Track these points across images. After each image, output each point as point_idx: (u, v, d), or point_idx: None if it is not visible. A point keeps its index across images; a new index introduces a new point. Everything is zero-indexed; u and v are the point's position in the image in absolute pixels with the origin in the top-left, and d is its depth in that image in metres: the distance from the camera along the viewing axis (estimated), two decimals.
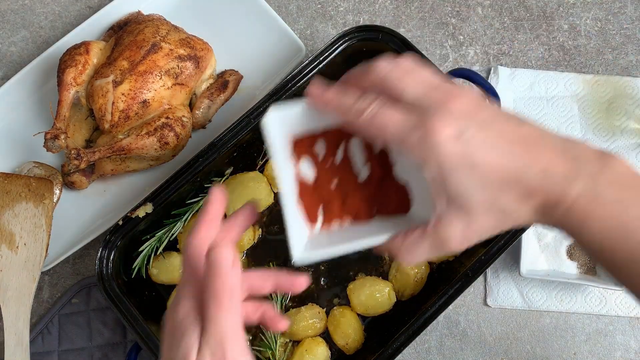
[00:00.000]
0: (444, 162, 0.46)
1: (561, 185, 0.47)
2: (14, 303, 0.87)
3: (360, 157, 0.56)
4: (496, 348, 0.92)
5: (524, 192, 0.48)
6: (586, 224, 0.48)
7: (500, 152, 0.47)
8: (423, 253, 0.51)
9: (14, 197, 0.90)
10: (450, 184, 0.47)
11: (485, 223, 0.49)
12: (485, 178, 0.47)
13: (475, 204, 0.48)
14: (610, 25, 1.03)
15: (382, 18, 1.05)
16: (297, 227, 0.56)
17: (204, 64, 0.94)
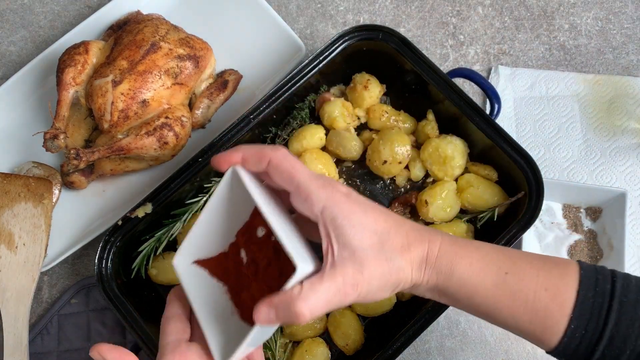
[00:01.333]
0: (340, 210, 0.53)
1: (426, 240, 0.57)
2: (13, 303, 0.87)
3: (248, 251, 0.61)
4: (497, 348, 0.91)
5: (403, 242, 0.55)
6: (455, 262, 0.57)
7: (379, 212, 0.56)
8: (321, 299, 0.52)
9: (13, 197, 0.90)
10: (345, 228, 0.53)
11: (375, 269, 0.53)
12: (373, 224, 0.54)
13: (366, 246, 0.53)
14: (611, 25, 1.03)
15: (382, 17, 1.05)
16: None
17: (203, 64, 0.94)
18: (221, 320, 0.58)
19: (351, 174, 0.95)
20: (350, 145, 0.92)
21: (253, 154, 0.57)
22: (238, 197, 0.58)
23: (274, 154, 0.56)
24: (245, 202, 0.57)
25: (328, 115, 0.93)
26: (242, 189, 0.56)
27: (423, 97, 0.92)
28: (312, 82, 0.91)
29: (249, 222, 0.60)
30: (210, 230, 0.61)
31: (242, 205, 0.59)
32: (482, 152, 0.89)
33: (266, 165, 0.56)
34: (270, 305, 0.52)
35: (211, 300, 0.60)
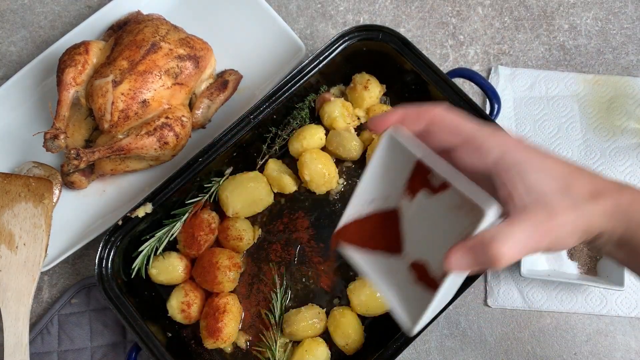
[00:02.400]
0: (519, 156, 0.51)
1: (616, 188, 0.53)
2: (13, 303, 0.87)
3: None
4: (496, 348, 0.92)
5: (591, 188, 0.52)
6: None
7: (556, 157, 0.53)
8: (517, 242, 0.49)
9: (14, 197, 0.90)
10: (528, 173, 0.50)
11: (565, 214, 0.50)
12: (554, 169, 0.51)
13: (552, 190, 0.50)
14: (611, 25, 1.03)
15: (382, 18, 1.05)
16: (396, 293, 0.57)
17: (203, 64, 0.94)
18: (398, 287, 0.57)
19: (351, 174, 0.95)
20: (350, 145, 0.92)
21: (412, 112, 0.55)
22: (397, 158, 0.56)
23: (435, 110, 0.54)
24: (405, 162, 0.56)
25: (328, 115, 0.93)
26: (401, 149, 0.54)
27: (423, 97, 0.92)
28: (312, 82, 0.91)
29: (410, 182, 0.58)
30: (369, 198, 0.59)
31: (400, 166, 0.57)
32: None
33: (426, 123, 0.54)
34: (464, 250, 0.49)
35: (385, 270, 0.58)
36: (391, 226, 0.58)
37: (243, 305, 0.91)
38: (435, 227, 0.56)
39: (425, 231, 0.57)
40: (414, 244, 0.57)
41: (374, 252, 0.59)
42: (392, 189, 0.58)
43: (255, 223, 0.94)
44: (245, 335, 0.90)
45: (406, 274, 0.57)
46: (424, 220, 0.57)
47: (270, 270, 0.92)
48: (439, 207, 0.55)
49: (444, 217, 0.55)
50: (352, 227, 0.60)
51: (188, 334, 0.90)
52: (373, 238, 0.59)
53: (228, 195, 0.90)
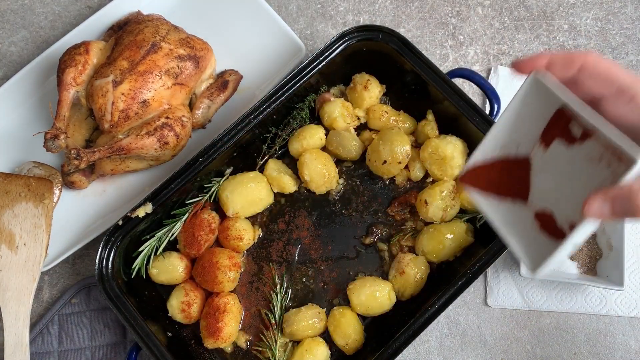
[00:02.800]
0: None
1: None
2: (13, 303, 0.87)
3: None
4: (496, 348, 0.92)
5: None
6: None
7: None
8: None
9: (14, 197, 0.90)
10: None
11: None
12: None
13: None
14: (610, 25, 1.03)
15: (382, 18, 1.05)
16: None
17: (203, 64, 0.94)
18: (521, 234, 0.57)
19: (351, 174, 0.95)
20: (350, 145, 0.92)
21: (561, 58, 0.52)
22: (538, 104, 0.55)
23: (587, 56, 0.51)
24: (546, 108, 0.55)
25: (328, 116, 0.93)
26: (546, 94, 0.53)
27: (423, 97, 0.92)
28: (312, 82, 0.91)
29: (547, 130, 0.57)
30: (500, 143, 0.59)
31: (540, 112, 0.56)
32: None
33: (576, 71, 0.52)
34: (607, 198, 0.47)
35: (508, 216, 0.58)
36: (520, 174, 0.58)
37: (243, 305, 0.91)
38: (569, 178, 0.55)
39: (556, 181, 0.56)
40: (542, 194, 0.57)
41: (498, 197, 0.60)
42: (526, 136, 0.58)
43: (255, 223, 0.94)
44: (246, 335, 0.90)
45: (530, 221, 0.57)
46: (556, 171, 0.56)
47: (270, 270, 0.92)
48: (576, 157, 0.54)
49: (580, 168, 0.54)
50: (480, 171, 0.61)
51: (188, 334, 0.90)
52: (500, 183, 0.60)
53: (228, 195, 0.90)
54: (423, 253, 0.89)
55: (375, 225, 0.93)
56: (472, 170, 0.61)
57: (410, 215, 0.92)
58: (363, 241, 0.92)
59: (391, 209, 0.93)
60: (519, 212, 0.58)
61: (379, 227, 0.92)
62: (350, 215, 0.93)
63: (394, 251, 0.91)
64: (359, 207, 0.93)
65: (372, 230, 0.92)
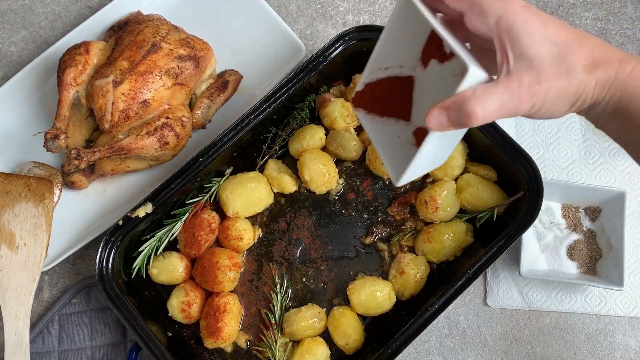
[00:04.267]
0: (517, 20, 0.51)
1: (617, 59, 0.53)
2: (14, 303, 0.87)
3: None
4: (496, 348, 0.92)
5: (587, 56, 0.52)
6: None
7: (561, 25, 0.53)
8: (494, 101, 0.50)
9: (14, 197, 0.90)
10: (521, 37, 0.51)
11: (554, 80, 0.51)
12: (553, 35, 0.52)
13: (544, 56, 0.51)
14: (610, 25, 1.03)
15: (382, 18, 1.05)
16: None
17: (204, 64, 0.94)
18: (398, 150, 0.59)
19: (351, 174, 0.95)
20: (350, 145, 0.92)
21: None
22: (412, 26, 0.58)
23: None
24: (420, 30, 0.57)
25: (328, 116, 0.93)
26: (417, 17, 0.55)
27: None
28: (312, 82, 0.91)
29: (425, 50, 0.59)
30: (383, 65, 0.61)
31: (415, 34, 0.58)
32: (482, 152, 0.90)
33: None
34: (442, 108, 0.51)
35: (388, 133, 0.61)
36: (403, 93, 0.61)
37: (243, 305, 0.91)
38: (441, 94, 0.57)
39: (432, 98, 0.58)
40: (421, 111, 0.60)
41: (383, 117, 0.62)
42: (407, 57, 0.60)
43: (255, 223, 0.94)
44: (246, 335, 0.90)
45: (409, 138, 0.60)
46: (432, 88, 0.59)
47: (270, 270, 0.92)
48: (446, 74, 0.57)
49: (449, 83, 0.57)
50: (367, 91, 0.63)
51: (188, 334, 0.90)
52: (384, 102, 0.62)
53: (228, 195, 0.90)
54: (423, 253, 0.89)
55: (375, 225, 0.93)
56: (361, 92, 0.63)
57: (410, 215, 0.93)
58: (363, 241, 0.92)
59: (391, 209, 0.93)
60: (400, 130, 0.61)
61: (379, 227, 0.93)
62: (350, 215, 0.93)
63: (394, 251, 0.91)
64: (359, 207, 0.93)
65: (372, 230, 0.92)
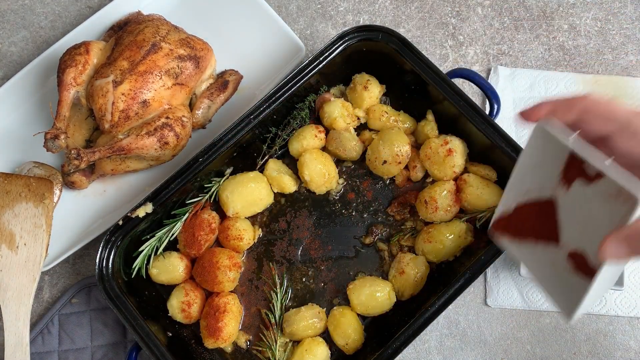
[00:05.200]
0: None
1: None
2: (14, 303, 0.87)
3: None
4: (496, 348, 0.92)
5: None
6: None
7: None
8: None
9: (14, 197, 0.90)
10: None
11: None
12: None
13: None
14: (610, 25, 1.03)
15: (382, 18, 1.05)
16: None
17: (204, 64, 0.95)
18: (556, 277, 0.57)
19: (351, 174, 0.95)
20: (350, 145, 0.92)
21: (563, 103, 0.54)
22: (549, 150, 0.56)
23: (587, 98, 0.53)
24: (558, 152, 0.55)
25: (328, 116, 0.93)
26: (553, 141, 0.54)
27: (423, 97, 0.92)
28: (312, 82, 0.91)
29: (565, 171, 0.57)
30: (523, 189, 0.60)
31: (554, 157, 0.56)
32: (482, 152, 0.90)
33: (579, 112, 0.53)
34: (620, 239, 0.48)
35: (541, 260, 0.58)
36: (548, 216, 0.58)
37: (243, 305, 0.91)
38: (593, 216, 0.56)
39: (583, 220, 0.57)
40: (572, 233, 0.57)
41: (530, 242, 0.60)
42: (547, 179, 0.58)
43: (255, 223, 0.94)
44: (246, 335, 0.90)
45: (564, 263, 0.57)
46: (581, 209, 0.57)
47: (270, 270, 0.92)
48: (596, 195, 0.55)
49: (601, 205, 0.55)
50: (508, 218, 0.61)
51: (188, 334, 0.90)
52: (530, 228, 0.60)
53: (228, 195, 0.90)
54: (423, 253, 0.89)
55: (375, 225, 0.93)
56: (500, 220, 0.61)
57: (410, 215, 0.93)
58: (363, 241, 0.92)
59: (391, 209, 0.93)
60: (553, 255, 0.58)
61: (379, 227, 0.93)
62: (350, 215, 0.93)
63: (393, 251, 0.91)
64: (359, 207, 0.93)
65: (372, 230, 0.92)
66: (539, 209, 0.59)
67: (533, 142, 0.57)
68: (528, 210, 0.60)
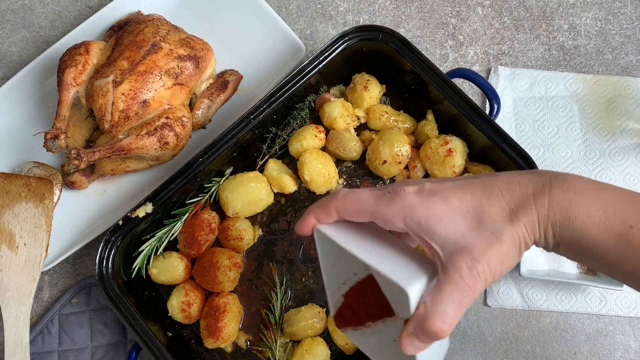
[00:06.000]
0: (419, 213, 0.51)
1: (531, 200, 0.51)
2: (14, 303, 0.87)
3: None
4: (496, 348, 0.92)
5: (503, 207, 0.51)
6: (571, 214, 0.51)
7: (461, 189, 0.52)
8: (449, 306, 0.49)
9: (14, 197, 0.90)
10: (433, 226, 0.51)
11: (487, 250, 0.50)
12: (460, 206, 0.51)
13: (464, 231, 0.50)
14: (610, 25, 1.03)
15: (382, 18, 1.05)
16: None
17: (204, 64, 0.94)
18: (400, 356, 0.57)
19: (351, 174, 0.95)
20: (350, 145, 0.92)
21: (319, 212, 0.56)
22: (335, 246, 0.58)
23: (335, 203, 0.55)
24: (344, 252, 0.57)
25: (328, 116, 0.93)
26: (333, 244, 0.56)
27: (423, 97, 0.92)
28: (312, 82, 0.91)
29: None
30: (339, 283, 0.61)
31: (342, 251, 0.57)
32: (482, 152, 0.90)
33: (336, 215, 0.56)
34: (410, 335, 0.50)
35: (382, 343, 0.59)
36: (375, 292, 0.59)
37: (243, 305, 0.91)
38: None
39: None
40: (399, 304, 0.58)
41: (371, 323, 0.60)
42: (353, 265, 0.59)
43: (255, 223, 0.94)
44: (246, 335, 0.90)
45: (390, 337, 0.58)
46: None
47: (270, 270, 0.92)
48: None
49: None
50: (341, 311, 0.62)
51: (188, 334, 0.90)
52: (364, 312, 0.60)
53: (228, 195, 0.90)
54: (423, 252, 0.89)
55: None
56: (337, 315, 0.62)
57: None
58: None
59: None
60: (392, 332, 0.58)
61: None
62: None
63: None
64: None
65: None
66: (362, 288, 0.59)
67: (320, 245, 0.59)
68: (356, 295, 0.60)
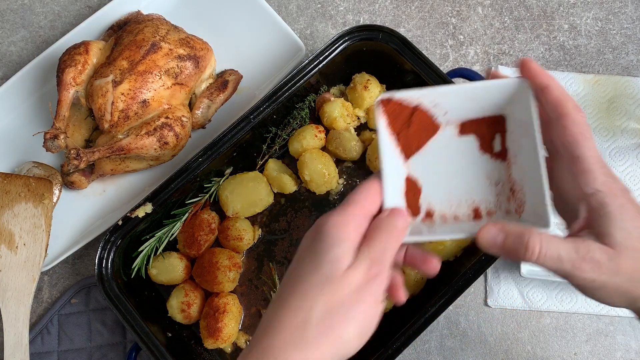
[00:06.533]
0: (614, 201, 0.49)
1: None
2: (13, 303, 0.87)
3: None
4: (496, 348, 0.92)
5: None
6: None
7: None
8: (556, 250, 0.48)
9: (14, 197, 0.90)
10: (610, 221, 0.49)
11: (630, 264, 0.49)
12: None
13: (629, 246, 0.49)
14: (611, 25, 1.03)
15: (382, 18, 1.05)
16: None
17: (203, 64, 0.94)
18: (391, 186, 0.55)
19: (351, 174, 0.95)
20: (350, 145, 0.92)
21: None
22: (497, 98, 0.55)
23: (570, 113, 0.51)
24: (500, 106, 0.54)
25: (328, 116, 0.93)
26: (517, 98, 0.53)
27: None
28: (312, 82, 0.91)
29: (480, 122, 0.56)
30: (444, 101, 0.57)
31: (492, 104, 0.55)
32: None
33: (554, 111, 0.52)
34: (503, 229, 0.49)
35: (392, 162, 0.56)
36: (424, 133, 0.56)
37: (243, 305, 0.91)
38: (456, 173, 0.56)
39: (442, 165, 0.56)
40: (424, 165, 0.57)
41: (394, 140, 0.57)
42: (459, 111, 0.56)
43: (255, 223, 0.94)
44: (245, 335, 0.90)
45: (401, 180, 0.57)
46: (450, 157, 0.56)
47: (270, 270, 0.92)
48: (477, 164, 0.55)
49: (474, 175, 0.55)
50: (399, 106, 0.56)
51: (188, 334, 0.90)
52: (403, 129, 0.57)
53: (228, 195, 0.90)
54: None
55: None
56: (394, 100, 0.56)
57: None
58: None
59: None
60: (400, 166, 0.57)
61: None
62: None
63: None
64: None
65: None
66: (425, 122, 0.56)
67: (497, 82, 0.55)
68: (418, 116, 0.57)
